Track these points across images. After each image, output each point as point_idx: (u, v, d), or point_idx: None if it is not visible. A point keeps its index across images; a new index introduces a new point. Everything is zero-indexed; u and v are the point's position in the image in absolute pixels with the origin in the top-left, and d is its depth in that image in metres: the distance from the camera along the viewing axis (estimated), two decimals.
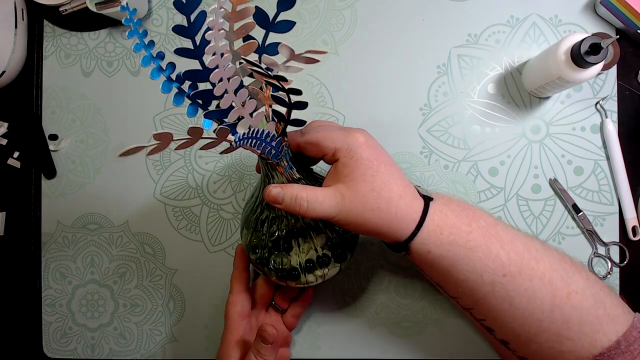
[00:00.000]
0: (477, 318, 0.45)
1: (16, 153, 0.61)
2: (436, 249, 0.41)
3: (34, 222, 0.61)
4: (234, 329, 0.49)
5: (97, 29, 0.61)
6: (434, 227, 0.41)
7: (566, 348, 0.41)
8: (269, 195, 0.39)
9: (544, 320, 0.41)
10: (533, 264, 0.41)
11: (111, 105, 0.61)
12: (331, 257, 0.45)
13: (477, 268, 0.41)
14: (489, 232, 0.42)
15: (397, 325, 0.57)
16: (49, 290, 0.61)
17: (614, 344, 0.39)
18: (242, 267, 0.52)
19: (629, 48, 0.56)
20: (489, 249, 0.41)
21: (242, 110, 0.34)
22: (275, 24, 0.35)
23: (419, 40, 0.58)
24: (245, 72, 0.35)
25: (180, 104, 0.35)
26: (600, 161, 0.56)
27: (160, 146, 0.31)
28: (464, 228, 0.41)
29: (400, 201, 0.40)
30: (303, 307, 0.54)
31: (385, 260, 0.57)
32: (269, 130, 0.36)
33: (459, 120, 0.57)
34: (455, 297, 0.45)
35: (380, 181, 0.40)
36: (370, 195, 0.39)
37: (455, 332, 0.56)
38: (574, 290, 0.41)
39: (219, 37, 0.31)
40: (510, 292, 0.41)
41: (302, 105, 0.35)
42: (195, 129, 0.31)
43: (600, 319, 0.40)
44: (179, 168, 0.59)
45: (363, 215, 0.40)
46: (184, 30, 0.33)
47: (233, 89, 0.33)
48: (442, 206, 0.42)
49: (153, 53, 0.34)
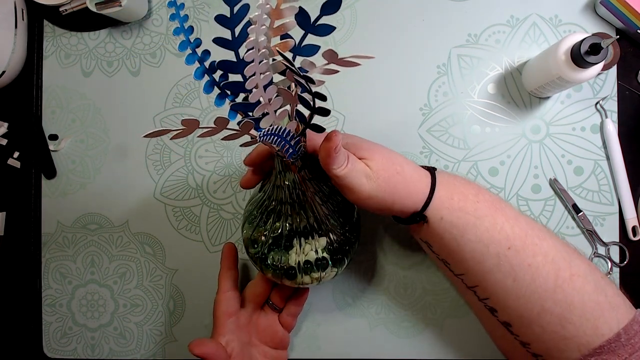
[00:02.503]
0: (480, 297, 0.45)
1: (16, 153, 0.61)
2: (448, 215, 0.42)
3: (34, 222, 0.61)
4: (219, 327, 0.50)
5: (97, 29, 0.61)
6: (445, 192, 0.43)
7: (568, 333, 0.41)
8: (334, 139, 0.38)
9: (547, 300, 0.41)
10: (537, 241, 0.42)
11: (111, 105, 0.61)
12: (329, 261, 0.45)
13: (483, 238, 0.42)
14: (494, 205, 0.43)
15: (397, 325, 0.57)
16: (49, 290, 0.61)
17: (615, 336, 0.40)
18: (229, 266, 0.52)
19: (629, 48, 0.56)
20: (494, 220, 0.42)
21: (268, 106, 0.34)
22: (316, 27, 0.35)
23: (419, 40, 0.58)
24: (276, 70, 0.36)
25: (209, 93, 0.36)
26: (600, 161, 0.56)
27: (186, 131, 0.31)
28: (472, 197, 0.43)
29: (409, 167, 0.42)
30: (298, 305, 0.53)
31: (385, 260, 0.57)
32: (290, 129, 0.36)
33: (459, 120, 0.57)
34: (460, 274, 0.45)
35: (386, 150, 0.42)
36: (388, 162, 0.41)
37: (455, 332, 0.56)
38: (577, 273, 0.41)
39: (260, 32, 0.32)
40: (514, 267, 0.41)
41: (324, 111, 0.35)
42: (222, 119, 0.31)
43: (601, 306, 0.41)
44: (179, 168, 0.59)
45: (390, 182, 0.41)
46: (226, 21, 0.33)
47: (263, 84, 0.33)
48: (448, 176, 0.44)
49: (191, 39, 0.34)
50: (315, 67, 0.33)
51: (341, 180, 0.40)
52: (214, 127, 0.32)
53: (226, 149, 0.59)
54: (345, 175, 0.39)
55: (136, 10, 0.58)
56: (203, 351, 0.46)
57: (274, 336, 0.53)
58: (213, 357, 0.46)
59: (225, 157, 0.59)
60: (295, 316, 0.54)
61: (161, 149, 0.60)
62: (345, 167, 0.39)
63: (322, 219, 0.44)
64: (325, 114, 0.35)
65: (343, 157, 0.39)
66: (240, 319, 0.51)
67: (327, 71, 0.34)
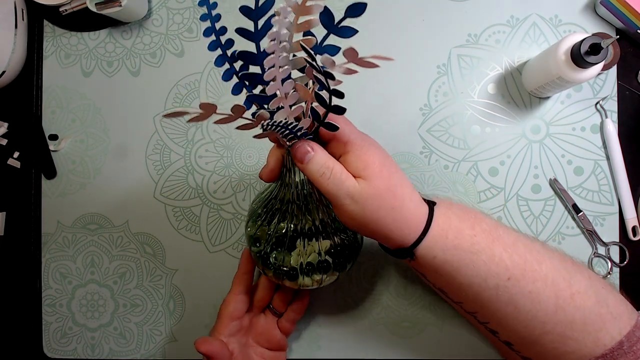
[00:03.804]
0: (480, 321, 0.45)
1: (16, 153, 0.61)
2: (442, 254, 0.40)
3: (34, 222, 0.61)
4: (221, 328, 0.50)
5: (97, 29, 0.61)
6: (439, 231, 0.40)
7: (570, 348, 0.40)
8: (298, 150, 0.37)
9: (547, 322, 0.40)
10: (536, 266, 0.41)
11: (111, 105, 0.61)
12: (331, 264, 0.45)
13: (481, 272, 0.40)
14: (492, 235, 0.41)
15: (397, 325, 0.57)
16: (49, 290, 0.61)
17: (617, 345, 0.39)
18: (246, 270, 0.52)
19: (629, 48, 0.56)
20: (492, 252, 0.41)
21: (284, 100, 0.34)
22: (339, 28, 0.35)
23: (419, 40, 0.58)
24: (295, 66, 0.36)
25: (228, 80, 0.36)
26: (600, 161, 0.56)
27: (203, 115, 0.31)
28: (468, 232, 0.41)
29: (411, 204, 0.40)
30: (298, 313, 0.53)
31: (385, 261, 0.57)
32: (303, 125, 0.36)
33: (459, 120, 0.57)
34: (458, 302, 0.45)
35: (396, 180, 0.39)
36: (387, 193, 0.38)
37: (455, 332, 0.56)
38: (577, 291, 0.41)
39: (283, 25, 0.32)
40: (514, 295, 0.40)
41: (340, 109, 0.35)
42: (239, 107, 0.31)
43: (603, 318, 0.40)
44: (179, 168, 0.59)
45: (378, 212, 0.38)
46: (251, 12, 0.33)
47: (281, 78, 0.33)
48: (446, 210, 0.42)
49: (217, 27, 0.34)
50: (336, 66, 0.34)
51: (324, 193, 0.38)
52: (230, 115, 0.32)
53: (226, 149, 0.59)
54: (327, 189, 0.37)
55: (136, 10, 0.58)
56: (208, 349, 0.46)
57: (271, 340, 0.53)
58: (218, 355, 0.46)
59: (225, 157, 0.59)
60: (294, 323, 0.54)
61: (161, 149, 0.60)
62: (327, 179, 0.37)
63: (328, 221, 0.44)
64: (341, 112, 0.35)
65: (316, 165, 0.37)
66: (242, 322, 0.51)
67: (347, 71, 0.34)
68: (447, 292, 0.45)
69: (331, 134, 0.38)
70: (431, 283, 0.46)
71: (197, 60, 0.60)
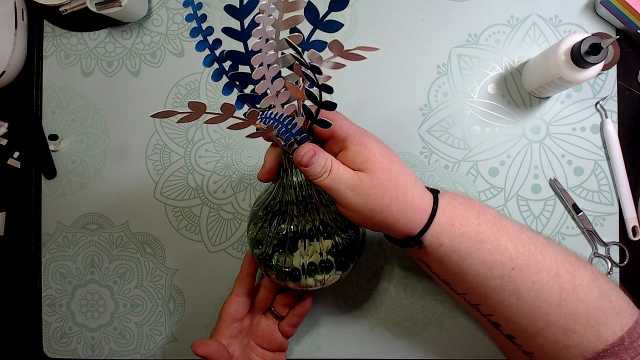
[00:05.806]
0: (484, 313, 0.45)
1: (16, 153, 0.61)
2: (448, 241, 0.41)
3: (34, 222, 0.61)
4: (222, 329, 0.49)
5: (97, 29, 0.61)
6: (445, 218, 0.41)
7: (572, 342, 0.41)
8: (304, 156, 0.37)
9: (551, 314, 0.41)
10: (539, 257, 0.41)
11: (111, 105, 0.61)
12: (334, 264, 0.45)
13: (486, 261, 0.41)
14: (496, 225, 0.42)
15: (397, 325, 0.57)
16: (49, 290, 0.61)
17: (618, 340, 0.40)
18: (248, 272, 0.52)
19: (629, 48, 0.56)
20: (497, 242, 0.41)
21: (275, 99, 0.34)
22: (324, 22, 0.35)
23: (419, 40, 0.58)
24: (285, 63, 0.36)
25: (218, 81, 0.36)
26: (600, 161, 0.56)
27: (192, 115, 0.31)
28: (473, 220, 0.41)
29: (415, 191, 0.40)
30: (300, 317, 0.53)
31: (385, 261, 0.57)
32: (297, 122, 0.36)
33: (459, 121, 0.57)
34: (463, 293, 0.45)
35: (396, 169, 0.39)
36: (389, 183, 0.39)
37: (455, 332, 0.56)
38: (580, 283, 0.41)
39: (267, 22, 0.32)
40: (518, 286, 0.41)
41: (331, 105, 0.35)
42: (228, 106, 0.31)
43: (605, 312, 0.40)
44: (179, 168, 0.59)
45: (381, 202, 0.38)
46: (236, 11, 0.33)
47: (271, 76, 0.33)
48: (451, 199, 0.42)
49: (203, 27, 0.34)
50: (323, 61, 0.34)
51: (324, 189, 0.39)
52: (220, 114, 0.32)
53: (226, 149, 0.59)
54: (326, 185, 0.38)
55: (136, 10, 0.58)
56: (206, 351, 0.45)
57: (272, 342, 0.53)
58: (216, 357, 0.46)
59: (225, 157, 0.59)
60: (296, 327, 0.53)
61: (161, 149, 0.60)
62: (326, 177, 0.38)
63: (328, 221, 0.44)
64: (332, 108, 0.35)
65: (318, 167, 0.38)
66: (243, 324, 0.51)
67: (335, 65, 0.34)
68: (451, 284, 0.45)
69: (330, 131, 0.39)
70: (436, 274, 0.46)
71: (197, 60, 0.60)
